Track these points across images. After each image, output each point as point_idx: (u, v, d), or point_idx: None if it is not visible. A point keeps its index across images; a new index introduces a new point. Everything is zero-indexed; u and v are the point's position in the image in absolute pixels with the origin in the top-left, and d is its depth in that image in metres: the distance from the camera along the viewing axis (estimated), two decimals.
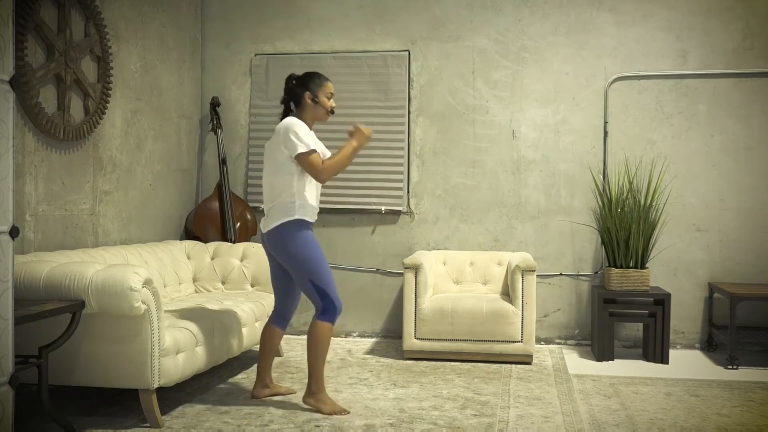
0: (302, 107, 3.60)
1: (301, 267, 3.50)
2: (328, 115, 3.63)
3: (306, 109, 3.59)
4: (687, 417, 3.54)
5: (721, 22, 5.17)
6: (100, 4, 4.28)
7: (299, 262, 3.50)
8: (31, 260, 3.33)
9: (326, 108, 3.60)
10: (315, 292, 3.51)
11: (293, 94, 3.62)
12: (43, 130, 3.79)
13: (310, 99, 3.57)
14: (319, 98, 3.58)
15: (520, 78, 5.40)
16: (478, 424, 3.40)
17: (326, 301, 3.51)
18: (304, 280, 3.53)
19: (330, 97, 3.62)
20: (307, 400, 3.58)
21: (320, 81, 3.61)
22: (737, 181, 5.17)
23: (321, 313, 3.53)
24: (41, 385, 2.97)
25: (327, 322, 3.52)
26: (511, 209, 5.42)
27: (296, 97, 3.61)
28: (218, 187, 5.47)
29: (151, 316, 3.20)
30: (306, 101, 3.58)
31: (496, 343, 4.63)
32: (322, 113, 3.61)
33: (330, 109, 3.62)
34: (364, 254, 5.57)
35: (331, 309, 3.52)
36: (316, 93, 3.58)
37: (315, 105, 3.58)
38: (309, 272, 3.49)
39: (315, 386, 3.55)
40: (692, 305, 5.22)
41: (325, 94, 3.60)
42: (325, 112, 3.61)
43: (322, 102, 3.58)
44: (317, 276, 3.49)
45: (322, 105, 3.59)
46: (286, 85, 3.66)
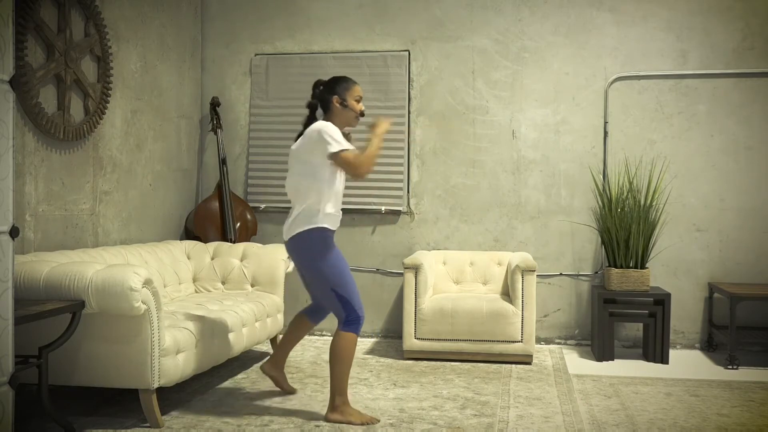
0: (331, 112, 3.52)
1: (322, 276, 3.41)
2: (358, 118, 3.55)
3: (335, 114, 3.51)
4: (687, 417, 3.54)
5: (721, 22, 5.17)
6: (100, 4, 4.28)
7: (321, 272, 3.41)
8: (31, 260, 3.33)
9: (355, 111, 3.53)
10: (338, 302, 3.40)
11: (321, 100, 3.54)
12: (43, 130, 3.79)
13: (339, 103, 3.49)
14: (347, 102, 3.50)
15: (520, 78, 5.40)
16: (478, 424, 3.40)
17: (349, 310, 3.40)
18: (326, 290, 3.43)
19: (359, 101, 3.55)
20: (332, 416, 3.40)
21: (348, 84, 3.53)
22: (737, 181, 5.17)
23: (345, 324, 3.40)
24: (41, 385, 2.97)
25: (352, 333, 3.40)
26: (511, 209, 5.42)
27: (325, 102, 3.53)
28: (218, 187, 5.47)
29: (151, 316, 3.20)
30: (335, 105, 3.50)
31: (496, 343, 4.63)
32: (351, 117, 3.52)
33: (359, 112, 3.54)
34: (364, 254, 5.57)
35: (355, 318, 3.40)
36: (344, 97, 3.50)
37: (344, 109, 3.50)
38: (331, 281, 3.40)
39: (339, 400, 3.40)
40: (692, 305, 5.22)
41: (354, 98, 3.52)
42: (354, 115, 3.53)
43: (351, 105, 3.51)
44: (341, 285, 3.39)
45: (352, 108, 3.51)
46: (314, 90, 3.58)
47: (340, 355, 3.39)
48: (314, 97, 3.58)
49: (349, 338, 3.40)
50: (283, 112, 5.63)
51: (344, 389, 3.42)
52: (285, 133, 5.62)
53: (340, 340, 3.40)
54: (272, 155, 5.63)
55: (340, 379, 3.40)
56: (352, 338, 3.40)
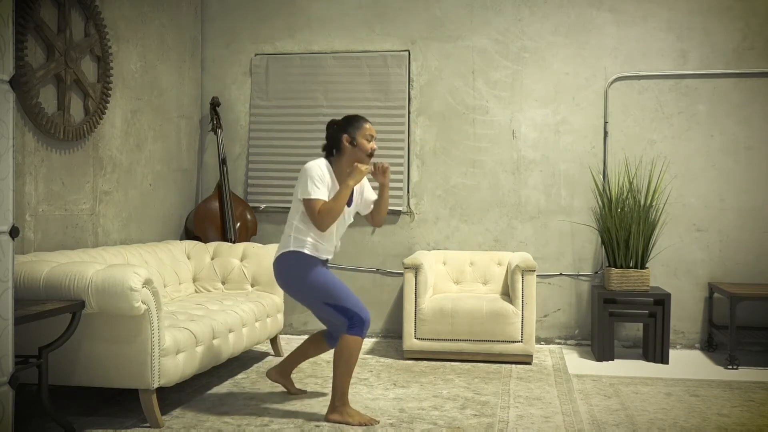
0: (341, 151, 3.53)
1: (309, 295, 3.46)
2: (368, 157, 3.53)
3: (345, 153, 3.52)
4: (687, 417, 3.54)
5: (721, 22, 5.17)
6: (100, 4, 4.28)
7: (306, 292, 3.46)
8: (31, 260, 3.33)
9: (365, 150, 3.51)
10: (336, 312, 3.44)
11: (333, 139, 3.56)
12: (43, 130, 3.79)
13: (348, 142, 3.50)
14: (357, 141, 3.50)
15: (520, 78, 5.40)
16: (478, 424, 3.40)
17: (350, 316, 3.42)
18: (319, 306, 3.48)
19: (370, 140, 3.54)
20: (332, 416, 3.43)
21: (358, 123, 3.53)
22: (737, 181, 5.17)
23: (349, 329, 3.43)
24: (41, 385, 2.97)
25: (356, 336, 3.42)
26: (511, 209, 5.41)
27: (335, 140, 3.54)
28: (218, 187, 5.47)
29: (151, 316, 3.20)
30: (344, 144, 3.50)
31: (496, 343, 4.63)
32: (361, 156, 3.51)
33: (370, 151, 3.53)
34: (364, 254, 5.57)
35: (358, 322, 3.41)
36: (354, 135, 3.50)
37: (353, 148, 3.50)
38: (320, 297, 3.44)
39: (339, 402, 3.42)
40: (692, 305, 5.22)
41: (364, 136, 3.51)
42: (364, 154, 3.52)
43: (361, 144, 3.50)
44: (330, 296, 3.42)
45: (361, 147, 3.50)
46: (327, 131, 3.60)
47: (344, 359, 3.41)
48: (327, 137, 3.60)
49: (354, 342, 3.42)
50: (283, 112, 5.63)
51: (345, 391, 3.43)
52: (285, 133, 5.63)
53: (344, 343, 3.42)
54: (272, 155, 5.63)
55: (342, 382, 3.42)
56: (357, 341, 3.42)
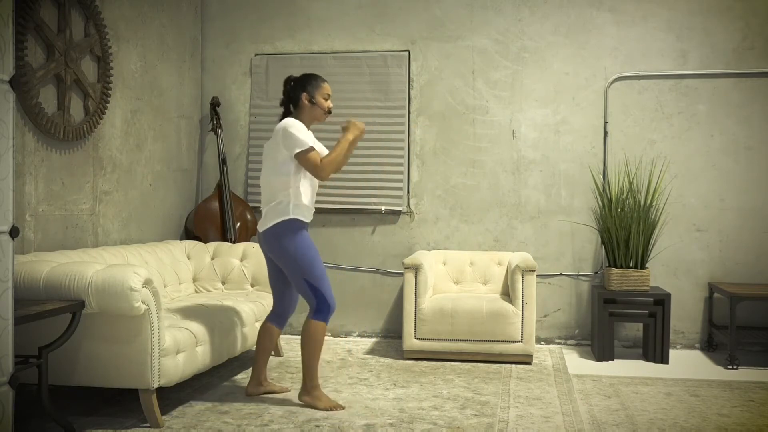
0: (300, 108, 3.66)
1: (295, 265, 3.55)
2: (326, 115, 3.68)
3: (304, 110, 3.65)
4: (687, 417, 3.54)
5: (721, 22, 5.17)
6: (100, 4, 4.28)
7: (293, 261, 3.55)
8: (31, 260, 3.33)
9: (323, 108, 3.66)
10: (309, 291, 3.57)
11: (291, 96, 3.68)
12: (43, 130, 3.79)
13: (307, 100, 3.63)
14: (316, 99, 3.63)
15: (520, 78, 5.40)
16: (478, 424, 3.40)
17: (319, 299, 3.56)
18: (298, 279, 3.58)
19: (327, 98, 3.68)
20: (303, 397, 3.64)
21: (317, 82, 3.66)
22: (737, 181, 5.17)
23: (315, 312, 3.59)
24: (41, 385, 2.97)
25: (320, 321, 3.59)
26: (511, 209, 5.42)
27: (294, 98, 3.67)
28: (218, 187, 5.47)
29: (151, 316, 3.20)
30: (303, 102, 3.63)
31: (496, 343, 4.63)
32: (319, 114, 3.66)
33: (327, 110, 3.67)
34: (364, 254, 5.57)
35: (325, 308, 3.58)
36: (312, 94, 3.63)
37: (312, 106, 3.64)
38: (303, 271, 3.55)
39: (309, 383, 3.62)
40: (692, 305, 5.22)
41: (322, 95, 3.65)
42: (322, 112, 3.66)
43: (319, 102, 3.64)
44: (311, 274, 3.55)
45: (319, 105, 3.64)
46: (284, 87, 3.72)
47: (309, 342, 3.59)
48: (284, 94, 3.71)
49: (318, 326, 3.59)
50: None
51: (314, 373, 3.62)
52: None
53: (309, 327, 3.59)
54: None
55: (309, 364, 3.61)
56: (321, 326, 3.60)
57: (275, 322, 3.85)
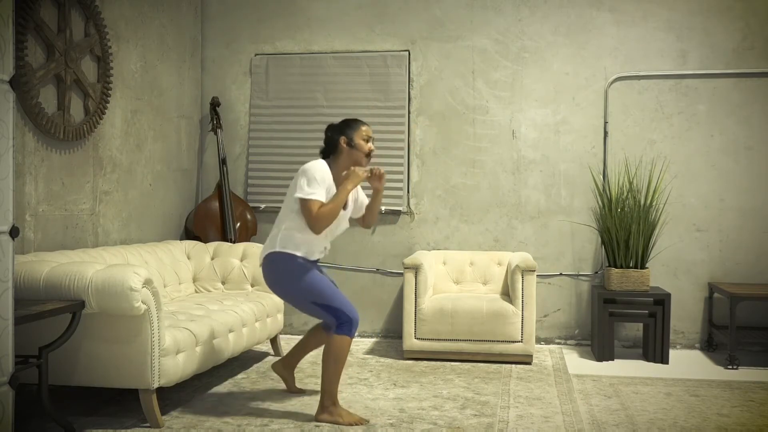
0: (338, 153, 3.54)
1: (296, 295, 3.46)
2: (367, 158, 3.55)
3: (342, 154, 3.53)
4: (687, 417, 3.54)
5: (721, 22, 5.17)
6: (100, 4, 4.28)
7: (288, 293, 3.48)
8: (31, 260, 3.33)
9: (363, 151, 3.53)
10: (323, 312, 3.43)
11: (329, 142, 3.57)
12: (43, 130, 3.79)
13: (345, 143, 3.51)
14: (354, 141, 3.51)
15: (520, 78, 5.40)
16: (478, 424, 3.40)
17: (338, 315, 3.41)
18: (307, 306, 3.47)
19: (367, 140, 3.55)
20: (322, 416, 3.42)
21: (356, 125, 3.55)
22: (737, 181, 5.17)
23: (337, 328, 3.42)
24: (41, 385, 2.97)
25: (344, 335, 3.41)
26: (511, 209, 5.41)
27: (332, 143, 3.55)
28: (218, 187, 5.47)
29: (151, 316, 3.20)
30: (341, 146, 3.52)
31: (496, 343, 4.63)
32: (359, 157, 3.52)
33: (367, 152, 3.54)
34: (364, 254, 5.57)
35: (347, 322, 3.41)
36: (351, 137, 3.51)
37: (351, 149, 3.51)
38: (307, 296, 3.43)
39: (328, 401, 3.42)
40: (692, 305, 5.22)
41: (361, 138, 3.53)
42: (362, 155, 3.53)
43: (358, 145, 3.51)
44: (317, 296, 3.42)
45: (358, 148, 3.52)
46: (325, 135, 3.60)
47: (333, 359, 3.41)
48: (325, 141, 3.60)
49: (343, 341, 3.42)
50: (283, 112, 5.63)
51: (334, 391, 3.43)
52: (285, 133, 5.63)
53: (333, 343, 3.41)
54: (272, 155, 5.63)
55: (331, 382, 3.42)
56: (346, 341, 3.42)
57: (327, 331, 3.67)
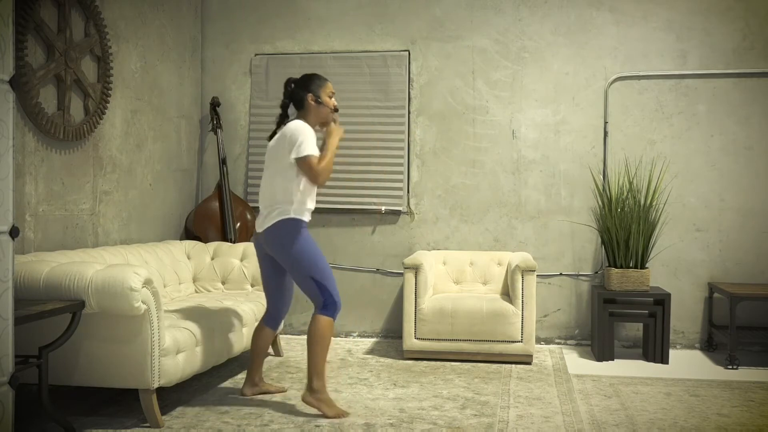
0: (306, 109, 3.60)
1: (300, 263, 3.51)
2: (333, 113, 3.63)
3: (310, 111, 3.60)
4: (687, 417, 3.54)
5: (721, 22, 5.17)
6: (100, 4, 4.28)
7: (298, 259, 3.51)
8: (31, 260, 3.33)
9: (330, 106, 3.61)
10: (316, 288, 3.51)
11: (294, 98, 3.63)
12: (43, 130, 3.78)
13: (313, 100, 3.58)
14: (321, 98, 3.59)
15: (520, 78, 5.40)
16: (478, 424, 3.40)
17: (326, 296, 3.51)
18: (304, 277, 3.53)
19: (332, 96, 3.64)
20: (308, 398, 3.51)
21: (321, 81, 3.62)
22: (737, 181, 5.17)
23: (322, 308, 3.52)
24: (41, 385, 2.97)
25: (328, 317, 3.51)
26: (511, 209, 5.41)
27: (298, 100, 3.61)
28: (218, 187, 5.47)
29: (151, 316, 3.20)
30: (309, 103, 3.58)
31: (496, 343, 4.63)
32: (326, 113, 3.61)
33: (334, 107, 3.63)
34: (364, 254, 5.57)
35: (332, 304, 3.52)
36: (318, 93, 3.59)
37: (318, 105, 3.59)
38: (308, 268, 3.50)
39: (317, 384, 3.49)
40: (692, 305, 5.22)
41: (327, 94, 3.62)
42: (329, 111, 3.61)
43: (326, 101, 3.60)
44: (317, 271, 3.50)
45: (326, 104, 3.60)
46: (285, 89, 3.67)
47: (317, 339, 3.49)
48: (286, 96, 3.66)
49: (326, 322, 3.51)
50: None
51: (322, 372, 3.51)
52: None
53: (317, 323, 3.50)
54: None
55: (316, 362, 3.50)
56: (329, 322, 3.51)
57: (269, 324, 3.81)
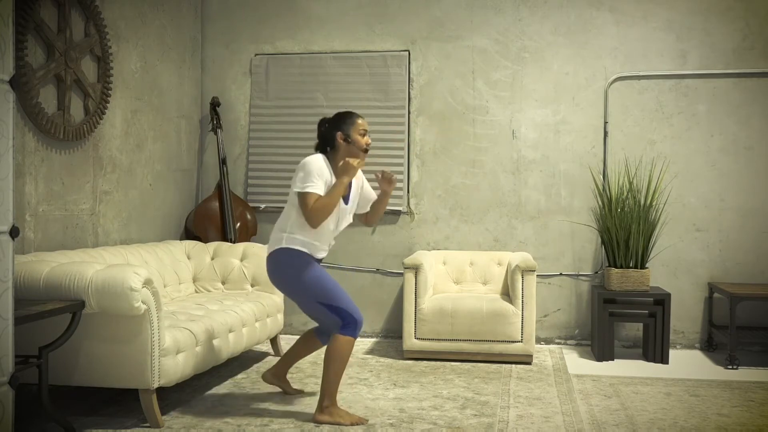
0: (336, 148, 3.50)
1: (303, 293, 3.44)
2: (364, 153, 3.50)
3: (339, 150, 3.49)
4: (687, 417, 3.54)
5: (721, 22, 5.17)
6: (100, 4, 4.28)
7: (294, 292, 3.46)
8: (31, 260, 3.33)
9: (360, 146, 3.49)
10: (328, 312, 3.42)
11: (325, 137, 3.52)
12: (43, 130, 3.79)
13: (342, 139, 3.47)
14: (351, 137, 3.47)
15: (520, 78, 5.40)
16: (478, 424, 3.40)
17: (343, 315, 3.41)
18: (312, 305, 3.45)
19: (364, 134, 3.51)
20: (321, 417, 3.40)
21: (351, 119, 3.50)
22: (737, 181, 5.17)
23: (342, 328, 3.41)
24: (41, 385, 2.97)
25: (348, 336, 3.40)
26: (511, 209, 5.41)
27: (329, 139, 3.51)
28: (218, 187, 5.47)
29: (151, 316, 3.20)
30: (338, 142, 3.47)
31: (496, 343, 4.63)
32: (356, 151, 3.48)
33: (365, 147, 3.50)
34: (364, 254, 5.57)
35: (352, 323, 3.40)
36: (347, 132, 3.47)
37: (348, 144, 3.47)
38: (313, 295, 3.42)
39: (328, 402, 3.41)
40: (692, 305, 5.22)
41: (358, 132, 3.49)
42: (359, 150, 3.49)
43: (355, 140, 3.47)
44: (322, 296, 3.41)
45: (356, 143, 3.48)
46: (319, 129, 3.56)
47: (334, 359, 3.40)
48: (319, 136, 3.56)
49: (345, 342, 3.40)
50: (283, 112, 5.63)
51: (334, 392, 3.43)
52: (285, 133, 5.63)
53: (335, 342, 3.41)
54: (272, 155, 5.63)
55: (331, 382, 3.41)
56: (348, 342, 3.41)
57: (320, 336, 3.73)
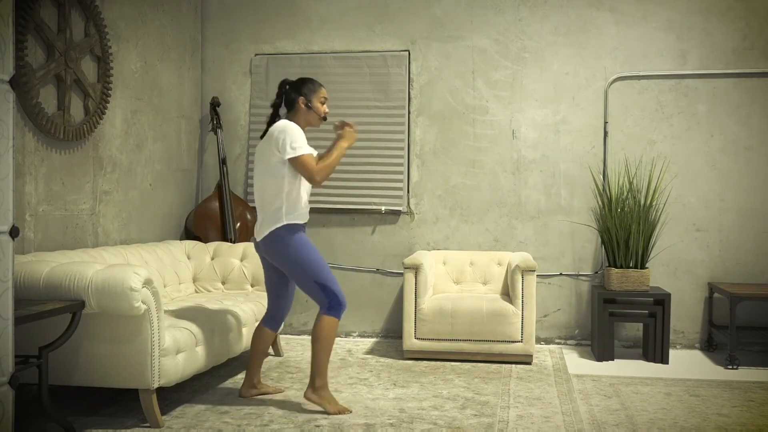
0: (295, 112, 3.63)
1: (301, 269, 3.53)
2: (321, 120, 3.66)
3: (299, 114, 3.62)
4: (687, 417, 3.54)
5: (721, 22, 5.17)
6: (100, 4, 4.28)
7: (298, 266, 3.53)
8: (31, 260, 3.33)
9: (319, 113, 3.63)
10: (320, 291, 3.53)
11: (287, 99, 3.65)
12: (43, 130, 3.79)
13: (304, 104, 3.60)
14: (312, 103, 3.61)
15: (520, 78, 5.40)
16: (478, 424, 3.40)
17: (330, 297, 3.54)
18: (307, 282, 3.55)
19: (323, 103, 3.66)
20: (310, 396, 3.56)
21: (314, 86, 3.64)
22: (737, 181, 5.17)
23: (327, 309, 3.55)
24: (41, 385, 2.97)
25: (333, 317, 3.54)
26: (511, 209, 5.42)
27: (290, 101, 3.64)
28: (218, 187, 5.47)
29: (151, 316, 3.20)
30: (299, 106, 3.61)
31: (496, 343, 4.63)
32: (314, 118, 3.63)
33: (323, 115, 3.65)
34: (364, 254, 5.57)
35: (337, 305, 3.55)
36: (309, 98, 3.61)
37: (308, 110, 3.61)
38: (310, 273, 3.52)
39: (319, 382, 3.55)
40: (692, 305, 5.22)
41: (319, 100, 3.63)
42: (317, 117, 3.64)
43: (316, 107, 3.62)
44: (319, 275, 3.52)
45: (315, 110, 3.62)
46: (280, 89, 3.68)
47: (321, 338, 3.54)
48: (279, 96, 3.68)
49: (330, 322, 3.55)
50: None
51: (324, 371, 3.56)
52: None
53: (321, 323, 3.54)
54: None
55: (321, 362, 3.54)
56: (333, 322, 3.55)
57: (269, 325, 3.81)
